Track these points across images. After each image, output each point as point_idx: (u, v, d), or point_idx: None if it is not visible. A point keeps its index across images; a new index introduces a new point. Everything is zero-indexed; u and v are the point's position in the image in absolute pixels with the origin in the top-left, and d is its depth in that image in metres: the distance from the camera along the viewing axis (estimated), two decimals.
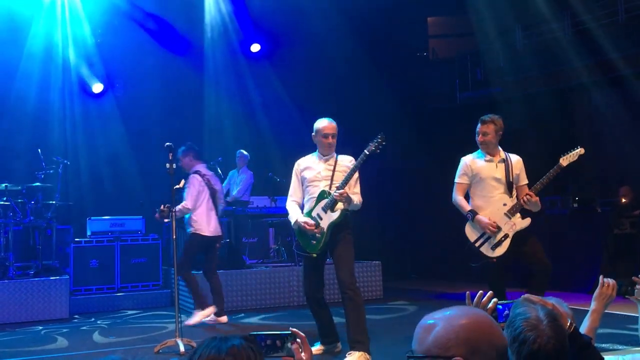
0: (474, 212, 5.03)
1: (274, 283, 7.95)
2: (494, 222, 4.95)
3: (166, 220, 5.86)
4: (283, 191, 9.39)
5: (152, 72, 10.33)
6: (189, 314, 6.83)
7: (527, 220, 5.01)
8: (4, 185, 7.74)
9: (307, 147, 6.35)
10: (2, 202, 7.63)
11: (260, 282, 7.90)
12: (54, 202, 8.20)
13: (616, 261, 6.86)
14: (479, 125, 5.14)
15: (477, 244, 5.02)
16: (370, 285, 8.33)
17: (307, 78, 10.73)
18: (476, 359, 1.41)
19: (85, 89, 10.09)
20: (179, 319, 5.38)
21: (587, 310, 4.94)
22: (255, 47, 10.96)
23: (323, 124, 5.10)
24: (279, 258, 9.03)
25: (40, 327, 6.77)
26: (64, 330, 6.63)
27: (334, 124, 5.12)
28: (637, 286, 3.02)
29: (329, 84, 10.70)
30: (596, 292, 2.92)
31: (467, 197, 5.22)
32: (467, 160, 5.21)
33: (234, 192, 9.40)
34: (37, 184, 8.06)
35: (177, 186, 5.61)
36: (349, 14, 10.23)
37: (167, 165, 5.54)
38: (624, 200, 8.15)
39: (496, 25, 10.73)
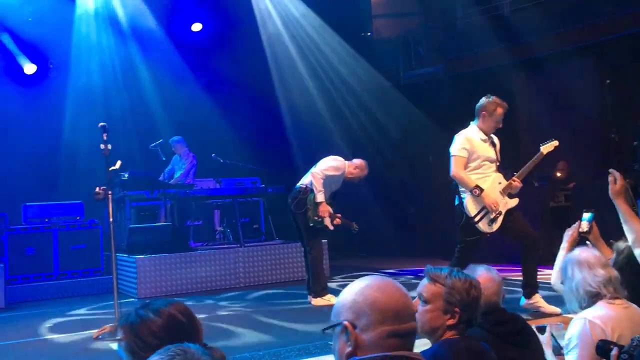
0: (480, 188, 5.12)
1: (220, 265, 7.85)
2: (496, 201, 5.14)
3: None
4: (227, 173, 9.31)
5: (90, 53, 9.99)
6: (133, 299, 6.66)
7: (516, 200, 5.29)
8: None
9: (250, 126, 6.30)
10: None
11: (206, 265, 7.78)
12: None
13: (552, 232, 7.08)
14: (500, 108, 5.24)
15: (475, 219, 5.16)
16: None
17: (249, 58, 10.58)
18: (363, 322, 1.47)
19: (18, 70, 9.64)
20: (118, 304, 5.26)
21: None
22: (196, 27, 10.70)
23: None
24: (225, 240, 8.93)
25: None
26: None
27: None
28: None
29: (271, 63, 10.58)
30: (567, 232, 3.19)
31: None
32: (466, 135, 5.26)
33: (177, 176, 9.23)
34: None
35: (113, 167, 5.42)
36: None
37: (102, 145, 5.37)
38: (559, 174, 8.42)
39: (438, 3, 10.81)
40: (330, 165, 6.16)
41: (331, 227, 6.14)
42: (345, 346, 1.48)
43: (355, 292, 1.53)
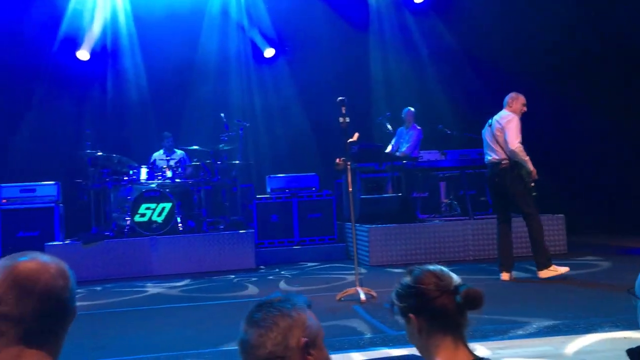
0: None
1: (448, 237, 7.81)
2: None
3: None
4: (453, 144, 9.18)
5: (319, 33, 10.56)
6: (366, 266, 6.95)
7: None
8: (195, 147, 8.50)
9: (476, 96, 6.13)
10: (194, 163, 8.40)
11: (435, 236, 7.81)
12: (237, 162, 8.82)
13: None
14: None
15: None
16: (553, 239, 7.83)
17: (478, 27, 10.19)
18: None
19: (258, 54, 10.62)
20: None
21: None
22: None
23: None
24: (451, 212, 8.85)
25: (233, 276, 7.38)
26: (253, 279, 7.17)
27: None
28: None
29: (504, 28, 10.01)
30: None
31: None
32: None
33: (403, 149, 9.35)
34: (222, 145, 8.64)
35: (351, 139, 5.68)
36: None
37: (340, 119, 5.63)
38: None
39: None
40: (513, 130, 6.08)
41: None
42: None
43: None
